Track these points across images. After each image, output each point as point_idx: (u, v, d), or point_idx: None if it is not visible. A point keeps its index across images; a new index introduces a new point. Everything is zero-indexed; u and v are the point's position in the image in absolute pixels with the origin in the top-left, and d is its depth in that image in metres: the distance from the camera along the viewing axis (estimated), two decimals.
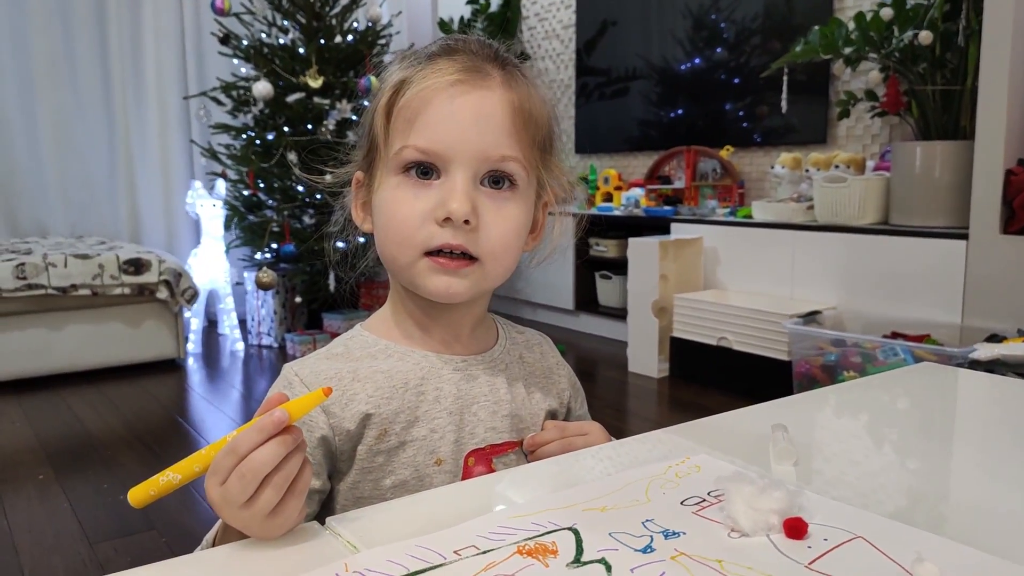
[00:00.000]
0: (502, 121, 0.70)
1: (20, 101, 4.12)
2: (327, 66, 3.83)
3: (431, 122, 0.69)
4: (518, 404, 0.78)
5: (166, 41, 4.49)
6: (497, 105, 0.70)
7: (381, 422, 0.71)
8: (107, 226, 4.42)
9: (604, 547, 0.50)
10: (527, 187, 0.73)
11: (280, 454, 0.53)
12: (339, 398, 0.70)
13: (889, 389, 0.96)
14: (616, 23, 4.49)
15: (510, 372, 0.79)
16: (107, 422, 2.83)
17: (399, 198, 0.70)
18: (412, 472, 0.71)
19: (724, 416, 0.80)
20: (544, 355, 0.85)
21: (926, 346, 2.46)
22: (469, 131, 0.68)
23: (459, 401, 0.74)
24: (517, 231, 0.72)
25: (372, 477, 0.71)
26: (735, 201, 3.78)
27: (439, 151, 0.68)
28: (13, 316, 3.23)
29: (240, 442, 0.53)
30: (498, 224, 0.70)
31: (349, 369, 0.72)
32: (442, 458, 0.72)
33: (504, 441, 0.76)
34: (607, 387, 3.34)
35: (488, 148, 0.69)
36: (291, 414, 0.54)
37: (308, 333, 3.86)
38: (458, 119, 0.68)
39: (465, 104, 0.69)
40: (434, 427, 0.72)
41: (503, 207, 0.70)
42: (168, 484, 0.54)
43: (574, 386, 0.87)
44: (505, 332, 0.83)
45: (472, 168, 0.69)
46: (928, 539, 0.51)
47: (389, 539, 0.52)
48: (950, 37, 2.75)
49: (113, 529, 1.97)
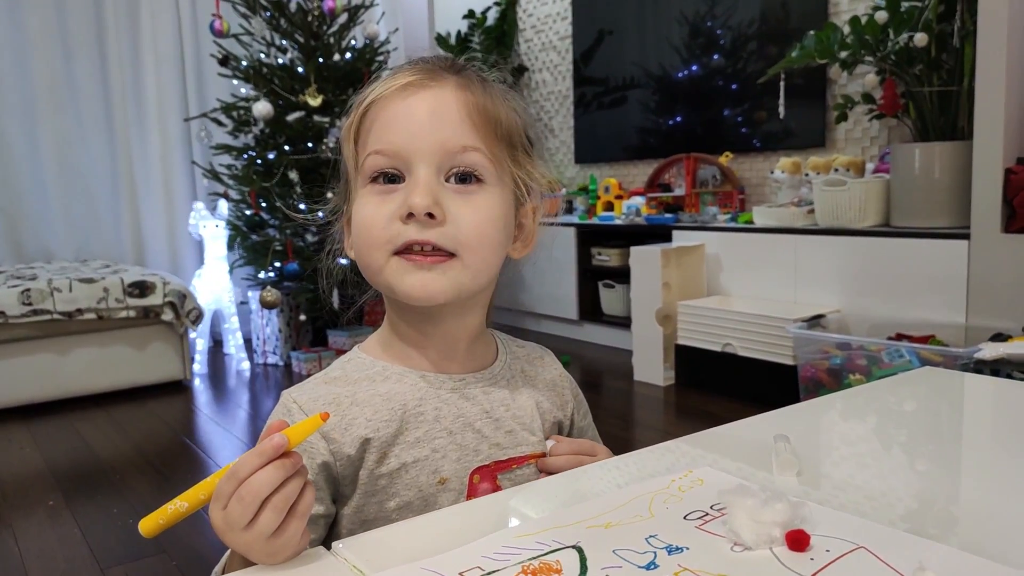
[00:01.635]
0: (457, 114, 0.69)
1: (22, 126, 4.15)
2: (326, 84, 3.85)
3: (388, 125, 0.70)
4: (521, 419, 0.77)
5: (166, 63, 4.52)
6: (451, 100, 0.70)
7: (381, 445, 0.71)
8: (111, 249, 4.44)
9: (608, 564, 0.50)
10: (497, 182, 0.71)
11: (279, 477, 0.53)
12: (338, 423, 0.70)
13: (894, 395, 0.96)
14: (612, 33, 4.51)
15: (512, 387, 0.79)
16: (116, 446, 2.84)
17: (367, 203, 0.70)
18: (416, 493, 0.71)
19: (731, 426, 0.81)
20: (547, 367, 0.85)
21: (931, 347, 2.46)
22: (424, 126, 0.69)
23: (459, 420, 0.74)
24: (491, 221, 0.70)
25: (376, 500, 0.71)
26: (736, 207, 3.79)
27: (398, 151, 0.69)
28: (20, 342, 3.24)
29: (240, 466, 0.54)
30: (467, 215, 0.69)
31: (347, 393, 0.72)
32: (446, 477, 0.72)
33: (508, 457, 0.75)
34: (613, 397, 3.34)
35: (446, 140, 0.69)
36: (290, 439, 0.55)
37: (313, 350, 3.86)
38: (413, 115, 0.69)
39: (418, 101, 0.69)
40: (435, 447, 0.72)
41: (471, 199, 0.69)
42: (176, 512, 0.55)
43: (576, 398, 0.86)
44: (505, 347, 0.83)
45: (434, 163, 0.69)
46: (930, 547, 0.52)
47: (395, 562, 0.52)
48: (945, 38, 2.76)
49: (124, 554, 1.97)
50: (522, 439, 0.77)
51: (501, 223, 0.71)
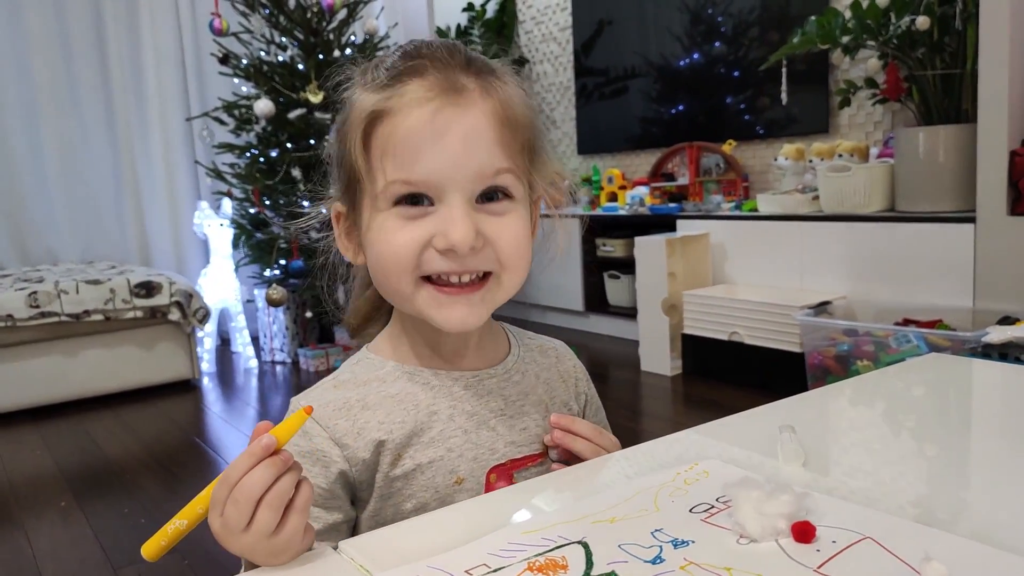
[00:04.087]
0: (489, 135, 0.66)
1: (25, 129, 4.16)
2: (327, 81, 3.84)
3: (418, 154, 0.65)
4: (538, 414, 0.76)
5: (166, 63, 4.52)
6: (481, 119, 0.66)
7: (395, 447, 0.70)
8: (116, 250, 4.45)
9: (614, 559, 0.50)
10: (523, 195, 0.70)
11: (271, 475, 0.54)
12: (350, 428, 0.69)
13: (901, 382, 0.96)
14: (612, 23, 4.50)
15: (526, 382, 0.78)
16: (125, 446, 2.85)
17: (391, 228, 0.67)
18: (432, 494, 0.70)
19: (738, 416, 0.80)
20: (560, 359, 0.84)
21: (938, 331, 2.45)
22: (459, 156, 0.65)
23: (474, 418, 0.73)
24: (526, 237, 0.70)
25: (392, 502, 0.71)
26: (740, 195, 3.78)
27: (432, 182, 0.65)
28: (28, 345, 3.26)
29: (231, 471, 0.54)
30: (504, 235, 0.67)
31: (358, 397, 0.71)
32: (462, 477, 0.71)
33: (524, 455, 0.74)
34: (621, 387, 3.34)
35: (483, 167, 0.66)
36: (278, 439, 0.55)
37: (320, 347, 3.87)
38: (445, 144, 0.65)
39: (449, 127, 0.65)
40: (450, 447, 0.71)
41: (504, 218, 0.68)
42: (176, 531, 0.56)
43: (589, 390, 0.85)
44: (518, 341, 0.81)
45: (468, 191, 0.66)
46: (937, 537, 0.51)
47: (401, 561, 0.52)
48: (947, 21, 2.74)
49: (136, 554, 1.96)
50: (538, 436, 0.76)
51: (529, 236, 0.71)
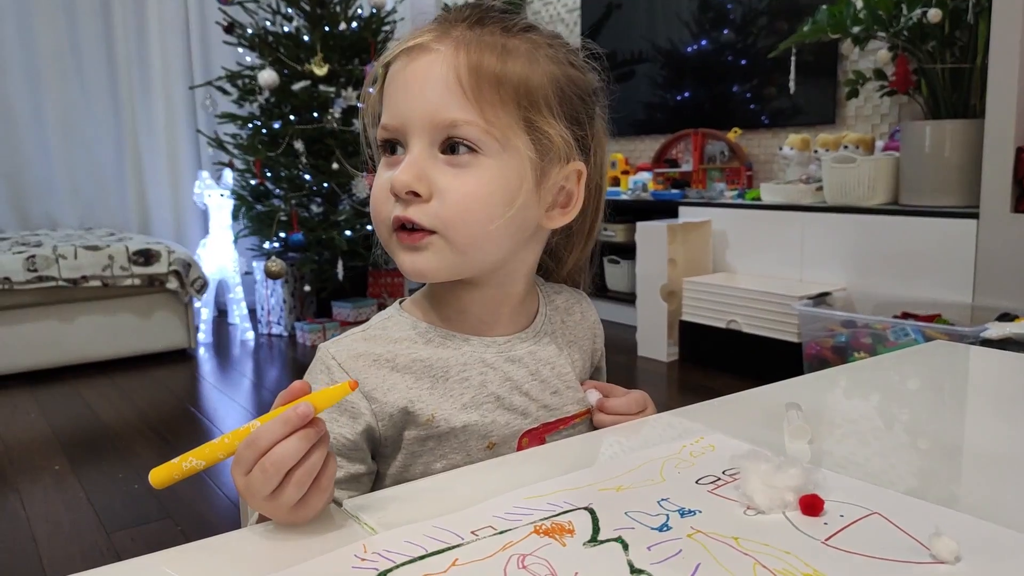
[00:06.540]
0: (444, 81, 0.65)
1: (27, 94, 4.13)
2: (332, 53, 3.81)
3: (391, 95, 0.68)
4: (566, 377, 0.76)
5: (171, 31, 4.48)
6: (441, 65, 0.65)
7: (426, 410, 0.69)
8: (116, 217, 4.43)
9: (621, 526, 0.50)
10: (497, 151, 0.66)
11: (303, 449, 0.52)
12: (380, 384, 0.68)
13: (902, 367, 0.96)
14: (621, 6, 4.46)
15: (556, 343, 0.77)
16: (120, 412, 2.85)
17: (378, 176, 0.70)
18: (464, 457, 0.70)
19: (736, 396, 0.80)
20: (584, 315, 0.84)
21: (937, 326, 2.45)
22: (416, 100, 0.66)
23: (507, 383, 0.72)
24: (481, 196, 0.65)
25: (423, 460, 0.70)
26: (743, 183, 3.77)
27: (397, 125, 0.67)
28: (25, 308, 3.25)
29: (262, 435, 0.52)
30: (452, 191, 0.65)
31: (388, 354, 0.70)
32: (495, 442, 0.71)
33: (557, 419, 0.74)
34: (617, 372, 3.30)
35: (435, 113, 0.65)
36: (315, 407, 0.53)
37: (318, 321, 3.87)
38: (409, 89, 0.67)
39: (416, 68, 0.67)
40: (483, 412, 0.70)
41: (461, 174, 0.65)
42: (192, 469, 0.54)
43: (601, 344, 0.88)
44: (545, 298, 0.80)
45: (427, 136, 0.66)
46: (945, 514, 0.52)
47: (407, 521, 0.52)
48: (959, 15, 2.72)
49: (129, 518, 1.98)
50: (568, 398, 0.76)
51: (493, 197, 0.66)
